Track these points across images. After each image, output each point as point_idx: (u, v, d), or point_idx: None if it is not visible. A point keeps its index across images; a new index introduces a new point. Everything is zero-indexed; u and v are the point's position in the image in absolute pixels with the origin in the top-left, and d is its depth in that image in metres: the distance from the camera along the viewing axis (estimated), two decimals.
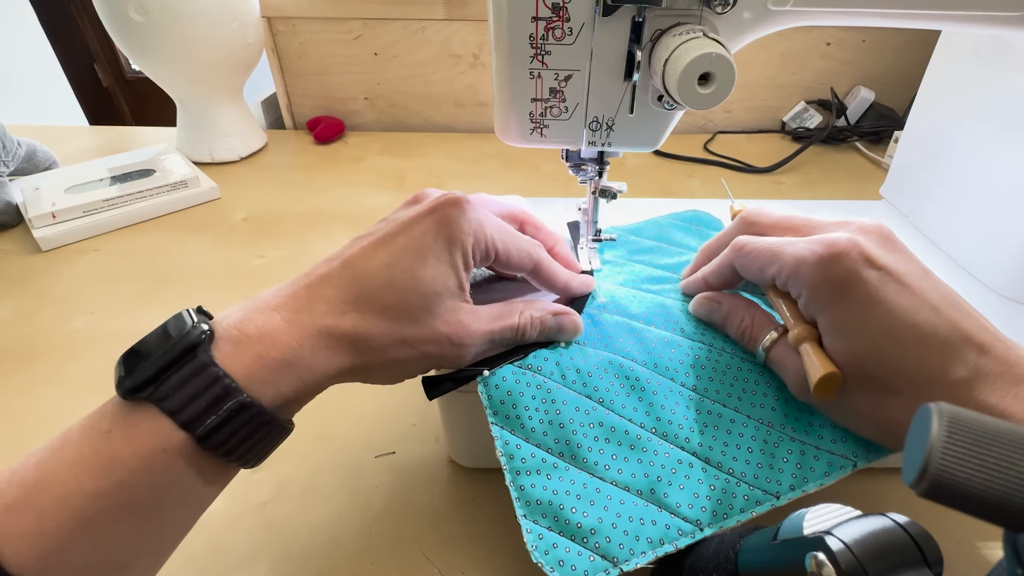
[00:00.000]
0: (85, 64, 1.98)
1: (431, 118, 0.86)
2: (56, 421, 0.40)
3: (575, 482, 0.26)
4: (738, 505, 0.25)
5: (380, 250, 0.26)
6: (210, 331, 0.23)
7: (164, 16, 0.62)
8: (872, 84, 0.80)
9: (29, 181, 0.63)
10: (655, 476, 0.26)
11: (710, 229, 0.41)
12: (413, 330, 0.26)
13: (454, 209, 0.27)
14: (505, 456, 0.26)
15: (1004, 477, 0.12)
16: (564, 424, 0.27)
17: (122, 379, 0.21)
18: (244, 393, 0.22)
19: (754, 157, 0.75)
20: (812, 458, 0.26)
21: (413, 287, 0.25)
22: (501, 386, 0.28)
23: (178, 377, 0.21)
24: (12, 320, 0.48)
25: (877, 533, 0.17)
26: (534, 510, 0.25)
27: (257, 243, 0.59)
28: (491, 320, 0.28)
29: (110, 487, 0.20)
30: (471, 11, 0.76)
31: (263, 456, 0.24)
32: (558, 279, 0.31)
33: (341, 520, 0.33)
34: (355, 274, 0.25)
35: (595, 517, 0.25)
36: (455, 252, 0.27)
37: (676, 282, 0.35)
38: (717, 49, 0.24)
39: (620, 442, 0.27)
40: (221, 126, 0.73)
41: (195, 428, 0.21)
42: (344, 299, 0.25)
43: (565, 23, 0.27)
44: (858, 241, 0.25)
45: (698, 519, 0.25)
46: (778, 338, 0.28)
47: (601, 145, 0.32)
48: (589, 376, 0.28)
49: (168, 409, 0.21)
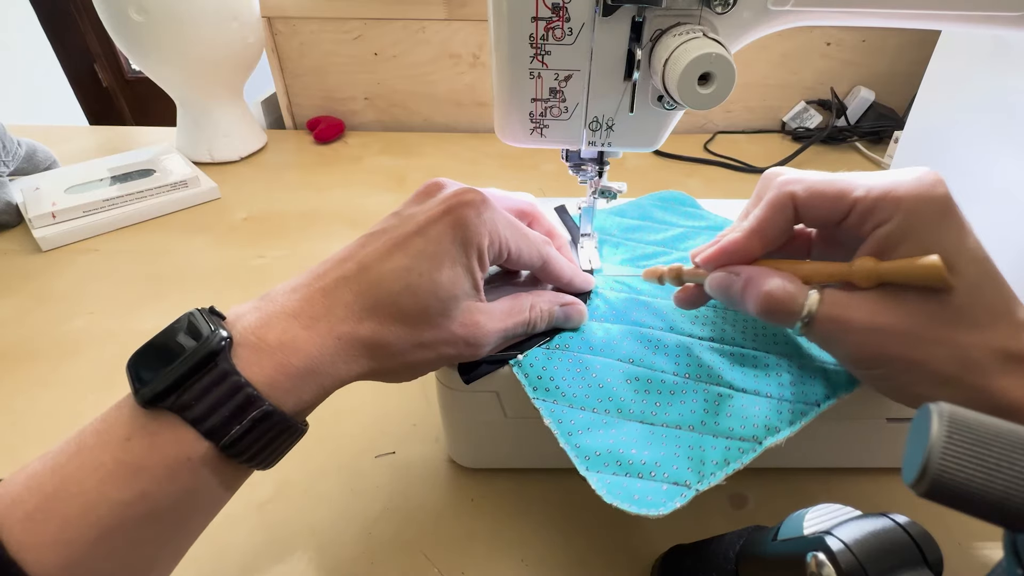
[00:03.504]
0: (85, 64, 1.98)
1: (431, 118, 0.86)
2: (56, 421, 0.40)
3: (628, 431, 0.27)
4: (786, 418, 0.27)
5: (396, 252, 0.25)
6: (229, 337, 0.22)
7: (164, 16, 0.62)
8: (872, 84, 0.80)
9: (29, 181, 0.63)
10: (701, 411, 0.27)
11: (687, 207, 0.43)
12: (431, 333, 0.26)
13: (469, 210, 0.26)
14: (554, 422, 0.27)
15: (1004, 477, 0.12)
16: (603, 385, 0.28)
17: (140, 387, 0.21)
18: (267, 402, 0.22)
19: (754, 157, 0.75)
20: (834, 373, 0.29)
21: (431, 291, 0.25)
22: (535, 364, 0.29)
23: (200, 386, 0.21)
24: (12, 320, 0.48)
25: (877, 533, 0.17)
26: (595, 462, 0.26)
27: (257, 243, 0.59)
28: (504, 317, 0.28)
29: (133, 496, 0.20)
30: (471, 11, 0.76)
31: (280, 458, 0.24)
32: (563, 274, 0.32)
33: (341, 520, 0.33)
34: (372, 278, 0.25)
35: (656, 454, 0.26)
36: (471, 254, 0.26)
37: (669, 255, 0.37)
38: (717, 49, 0.24)
39: (659, 391, 0.28)
40: (221, 126, 0.73)
41: (219, 437, 0.21)
42: (362, 305, 0.25)
43: (565, 23, 0.27)
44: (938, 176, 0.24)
45: (754, 435, 0.26)
46: (823, 292, 0.25)
47: (601, 145, 0.32)
48: (615, 344, 0.30)
49: (191, 418, 0.21)
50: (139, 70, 0.96)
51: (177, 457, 0.21)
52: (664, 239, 0.39)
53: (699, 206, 0.43)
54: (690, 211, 0.43)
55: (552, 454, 0.34)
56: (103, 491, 0.20)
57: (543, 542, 0.32)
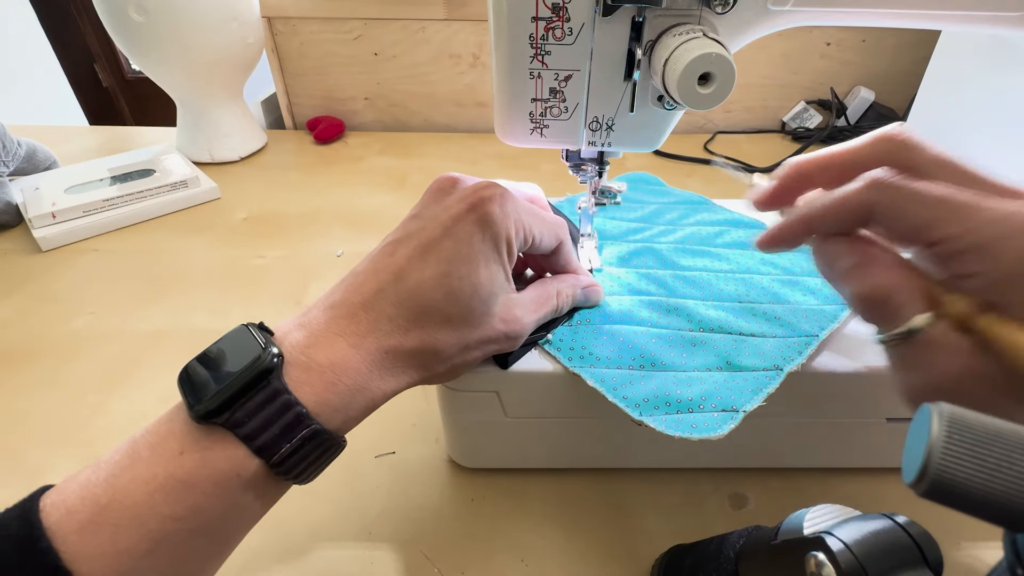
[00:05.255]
0: (85, 64, 1.98)
1: (431, 118, 0.86)
2: (56, 421, 0.40)
3: (665, 379, 0.29)
4: (795, 349, 0.30)
5: (430, 258, 0.25)
6: (280, 355, 0.22)
7: (164, 16, 0.62)
8: (872, 84, 0.80)
9: (29, 181, 0.63)
10: (724, 354, 0.30)
11: (653, 185, 0.48)
12: (476, 334, 0.26)
13: (493, 205, 0.26)
14: (597, 382, 0.29)
15: (1004, 477, 0.12)
16: (632, 346, 0.31)
17: (194, 403, 0.21)
18: (316, 420, 0.22)
19: (754, 157, 0.75)
20: (821, 309, 0.33)
21: (473, 294, 0.25)
22: (565, 339, 0.31)
23: (253, 404, 0.21)
24: (12, 320, 0.48)
25: (877, 533, 0.17)
26: (646, 407, 0.28)
27: (257, 243, 0.59)
28: (536, 307, 0.29)
29: (184, 510, 0.20)
30: (471, 11, 0.75)
31: (319, 475, 0.24)
32: (572, 260, 0.32)
33: (341, 520, 0.33)
34: (411, 287, 0.25)
35: (698, 393, 0.28)
36: (501, 248, 0.26)
37: (651, 229, 0.41)
38: (717, 49, 0.24)
39: (682, 345, 0.31)
40: (221, 126, 0.73)
41: (270, 455, 0.21)
42: (406, 316, 0.25)
43: (565, 23, 0.27)
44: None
45: (775, 364, 0.29)
46: (935, 317, 0.20)
47: (601, 145, 0.32)
48: (631, 313, 0.33)
49: (243, 435, 0.21)
50: (139, 70, 0.97)
51: (228, 473, 0.21)
52: (643, 215, 0.43)
53: (664, 184, 0.48)
54: (656, 188, 0.48)
55: (552, 454, 0.35)
56: (154, 504, 0.20)
57: (543, 542, 0.32)
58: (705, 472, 0.35)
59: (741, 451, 0.34)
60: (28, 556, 0.19)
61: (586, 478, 0.35)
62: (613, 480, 0.35)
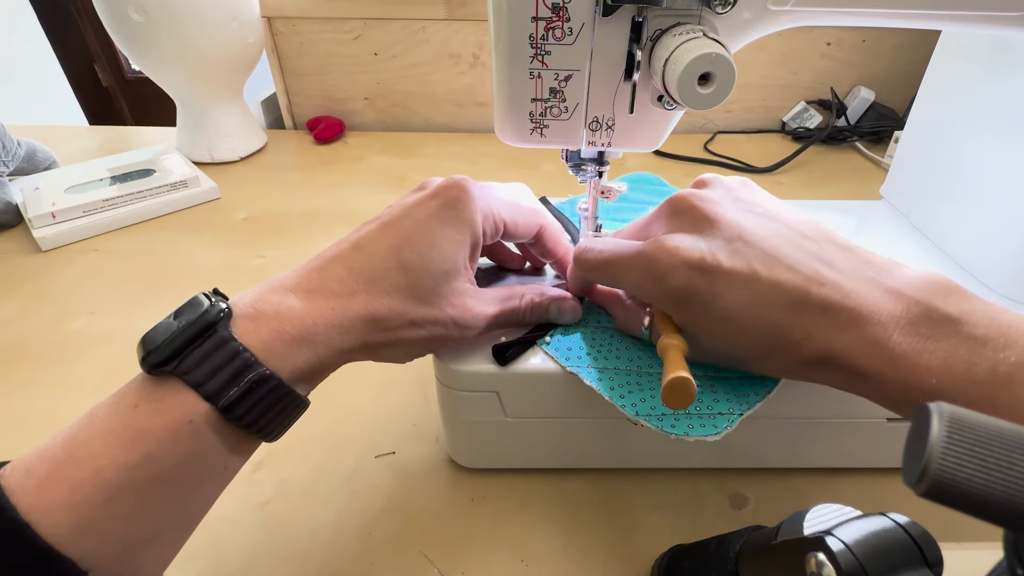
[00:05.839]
0: (85, 64, 1.98)
1: (431, 118, 0.86)
2: (56, 421, 0.40)
3: None
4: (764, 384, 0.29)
5: (388, 231, 0.27)
6: (228, 309, 0.23)
7: (164, 16, 0.62)
8: (872, 84, 0.80)
9: (29, 181, 0.63)
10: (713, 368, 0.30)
11: (655, 185, 0.47)
12: (421, 311, 0.27)
13: (458, 190, 0.28)
14: (594, 381, 0.29)
15: (1004, 477, 0.12)
16: (629, 347, 0.31)
17: (146, 355, 0.22)
18: (264, 366, 0.23)
19: (754, 157, 0.75)
20: None
21: (422, 267, 0.26)
22: (563, 340, 0.31)
23: (200, 351, 0.22)
24: (12, 320, 0.48)
25: (877, 533, 0.17)
26: (643, 407, 0.28)
27: (257, 243, 0.59)
28: (494, 303, 0.29)
29: (139, 459, 0.21)
30: (471, 11, 0.76)
31: (283, 429, 0.25)
32: (559, 246, 0.33)
33: (341, 520, 0.33)
34: (364, 255, 0.26)
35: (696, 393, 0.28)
36: (463, 231, 0.27)
37: None
38: (717, 49, 0.24)
39: None
40: (221, 126, 0.73)
41: (219, 399, 0.22)
42: (355, 279, 0.26)
43: (565, 23, 0.27)
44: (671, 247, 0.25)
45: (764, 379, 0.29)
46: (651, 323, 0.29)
47: (601, 145, 0.32)
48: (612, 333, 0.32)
49: (192, 382, 0.22)
50: (139, 70, 0.97)
51: (179, 420, 0.22)
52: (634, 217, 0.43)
53: (666, 183, 0.48)
54: (658, 188, 0.47)
55: (552, 454, 0.35)
56: (111, 455, 0.21)
57: (543, 542, 0.32)
58: (705, 472, 0.35)
59: (741, 451, 0.34)
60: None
61: (586, 478, 0.35)
62: (613, 480, 0.35)
